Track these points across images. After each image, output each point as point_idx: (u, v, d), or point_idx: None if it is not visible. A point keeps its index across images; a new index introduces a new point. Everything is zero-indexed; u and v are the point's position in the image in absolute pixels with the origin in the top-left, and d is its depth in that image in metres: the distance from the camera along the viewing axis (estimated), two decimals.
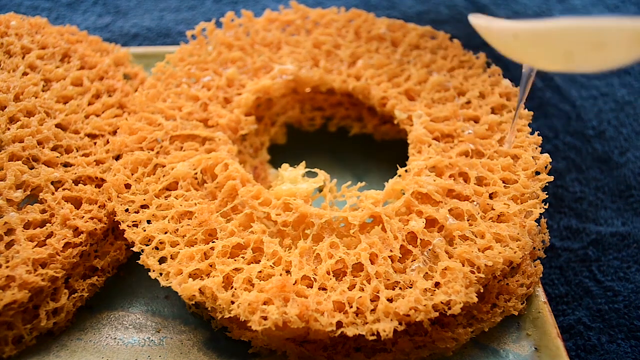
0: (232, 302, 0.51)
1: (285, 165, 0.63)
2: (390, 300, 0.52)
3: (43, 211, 0.57)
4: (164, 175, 0.60)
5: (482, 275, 0.53)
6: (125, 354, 0.55)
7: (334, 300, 0.51)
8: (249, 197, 0.58)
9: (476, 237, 0.56)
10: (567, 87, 0.91)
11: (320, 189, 0.63)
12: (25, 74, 0.66)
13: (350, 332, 0.50)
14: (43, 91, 0.65)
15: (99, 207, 0.59)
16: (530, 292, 0.58)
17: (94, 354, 0.55)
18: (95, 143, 0.64)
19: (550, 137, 0.85)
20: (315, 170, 0.62)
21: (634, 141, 0.84)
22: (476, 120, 0.65)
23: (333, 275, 0.54)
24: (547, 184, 0.59)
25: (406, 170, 0.61)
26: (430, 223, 0.57)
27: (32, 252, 0.54)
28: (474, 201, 0.58)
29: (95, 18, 1.00)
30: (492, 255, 0.54)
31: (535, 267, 0.59)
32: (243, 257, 0.55)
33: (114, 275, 0.60)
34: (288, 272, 0.54)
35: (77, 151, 0.62)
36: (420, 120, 0.65)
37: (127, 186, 0.59)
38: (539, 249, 0.60)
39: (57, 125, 0.63)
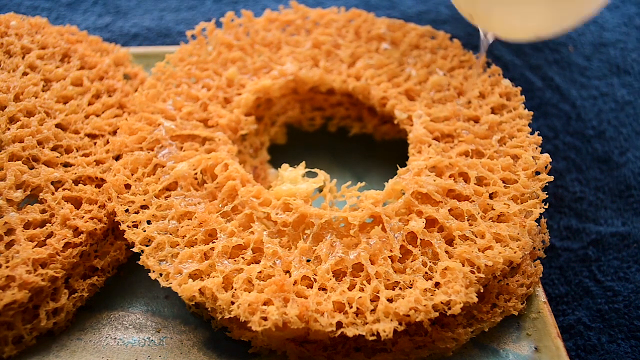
0: (232, 303, 0.51)
1: (285, 165, 0.63)
2: (390, 300, 0.52)
3: (43, 211, 0.57)
4: (164, 175, 0.60)
5: (482, 275, 0.53)
6: (125, 354, 0.55)
7: (334, 301, 0.51)
8: (249, 197, 0.58)
9: (476, 237, 0.56)
10: (567, 87, 0.91)
11: (320, 189, 0.63)
12: (25, 74, 0.66)
13: (350, 332, 0.50)
14: (43, 91, 0.65)
15: (99, 207, 0.59)
16: (530, 292, 0.58)
17: (94, 354, 0.55)
18: (95, 143, 0.64)
19: (550, 137, 0.85)
20: (315, 170, 0.62)
21: (634, 141, 0.84)
22: (476, 120, 0.65)
23: (333, 276, 0.54)
24: (547, 184, 0.59)
25: (406, 171, 0.61)
26: (430, 223, 0.57)
27: (32, 252, 0.54)
28: (473, 201, 0.58)
29: (95, 18, 1.00)
30: (492, 255, 0.54)
31: (535, 267, 0.59)
32: (243, 258, 0.55)
33: (114, 275, 0.60)
34: (288, 272, 0.54)
35: (77, 151, 0.62)
36: (420, 120, 0.65)
37: (127, 186, 0.59)
38: (539, 249, 0.60)
39: (57, 125, 0.63)
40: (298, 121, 0.74)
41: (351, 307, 0.51)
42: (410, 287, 0.53)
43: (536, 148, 0.62)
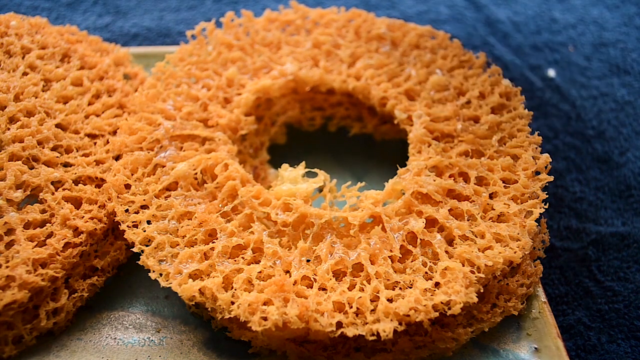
0: (232, 303, 0.51)
1: (285, 165, 0.63)
2: (390, 300, 0.52)
3: (43, 211, 0.57)
4: (164, 175, 0.60)
5: (482, 275, 0.53)
6: (125, 354, 0.55)
7: (333, 301, 0.51)
8: (249, 197, 0.58)
9: (476, 237, 0.56)
10: (567, 87, 0.91)
11: (320, 189, 0.63)
12: (25, 74, 0.66)
13: (350, 332, 0.50)
14: (43, 91, 0.65)
15: (99, 207, 0.59)
16: (530, 292, 0.58)
17: (94, 354, 0.55)
18: (95, 143, 0.64)
19: (550, 137, 0.85)
20: (315, 170, 0.62)
21: (634, 141, 0.84)
22: (476, 120, 0.65)
23: (333, 276, 0.54)
24: (547, 184, 0.59)
25: (406, 171, 0.61)
26: (430, 223, 0.57)
27: (32, 252, 0.54)
28: (474, 201, 0.58)
29: (95, 18, 1.00)
30: (492, 255, 0.54)
31: (535, 267, 0.59)
32: (243, 258, 0.55)
33: (114, 275, 0.60)
34: (288, 272, 0.54)
35: (77, 151, 0.62)
36: (420, 120, 0.65)
37: (127, 186, 0.59)
38: (539, 249, 0.60)
39: (57, 125, 0.63)
40: (298, 121, 0.74)
41: (351, 307, 0.51)
42: (410, 287, 0.53)
43: (536, 148, 0.62)
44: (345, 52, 0.71)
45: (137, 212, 0.57)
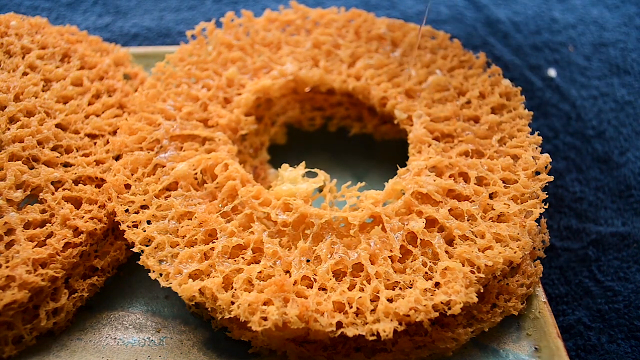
0: (232, 303, 0.51)
1: (285, 165, 0.63)
2: (390, 300, 0.52)
3: (43, 211, 0.57)
4: (164, 175, 0.60)
5: (482, 275, 0.53)
6: (125, 354, 0.55)
7: (333, 301, 0.51)
8: (249, 197, 0.58)
9: (476, 237, 0.56)
10: (567, 87, 0.91)
11: (320, 189, 0.63)
12: (25, 74, 0.66)
13: (350, 332, 0.50)
14: (43, 91, 0.65)
15: (99, 207, 0.59)
16: (530, 292, 0.58)
17: (94, 354, 0.55)
18: (95, 143, 0.64)
19: (550, 137, 0.85)
20: (315, 170, 0.62)
21: (634, 141, 0.84)
22: (476, 120, 0.65)
23: (333, 276, 0.54)
24: (547, 184, 0.59)
25: (406, 171, 0.61)
26: (430, 223, 0.57)
27: (32, 252, 0.54)
28: (474, 201, 0.58)
29: (95, 18, 1.00)
30: (492, 255, 0.54)
31: (535, 267, 0.59)
32: (243, 258, 0.55)
33: (114, 275, 0.60)
34: (288, 272, 0.54)
35: (77, 151, 0.62)
36: (420, 120, 0.65)
37: (127, 186, 0.59)
38: (539, 249, 0.60)
39: (57, 125, 0.63)
40: (298, 121, 0.74)
41: (351, 307, 0.51)
42: (410, 287, 0.53)
43: (536, 148, 0.62)
44: (345, 52, 0.71)
45: (137, 212, 0.57)
